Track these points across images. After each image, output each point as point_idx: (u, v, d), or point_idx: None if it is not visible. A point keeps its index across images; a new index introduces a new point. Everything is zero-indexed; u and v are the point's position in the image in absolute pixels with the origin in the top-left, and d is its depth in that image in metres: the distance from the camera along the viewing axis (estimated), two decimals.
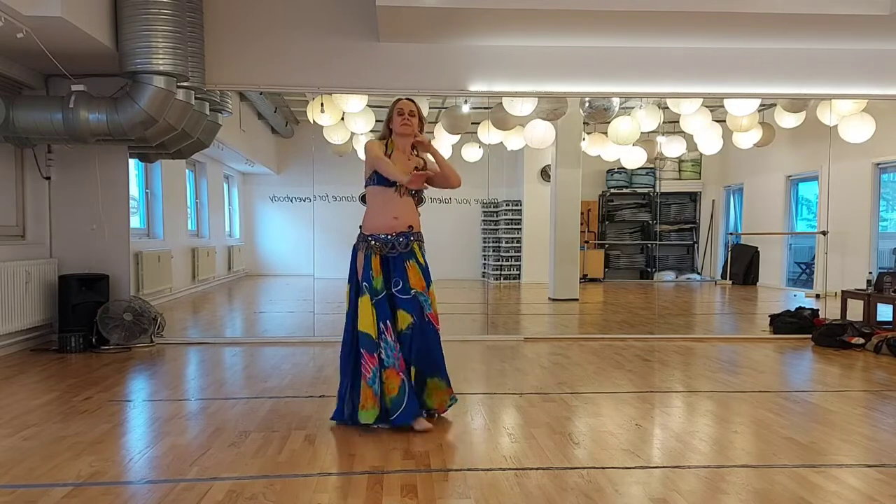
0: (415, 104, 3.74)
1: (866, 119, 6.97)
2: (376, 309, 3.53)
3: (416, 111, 3.71)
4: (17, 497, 2.60)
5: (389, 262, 3.59)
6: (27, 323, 5.61)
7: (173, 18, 5.07)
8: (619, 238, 12.21)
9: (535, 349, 5.88)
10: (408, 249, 3.60)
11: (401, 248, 3.58)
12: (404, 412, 3.44)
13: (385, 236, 3.58)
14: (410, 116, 3.66)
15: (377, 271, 3.56)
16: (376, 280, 3.54)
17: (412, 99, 3.78)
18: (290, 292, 10.47)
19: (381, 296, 3.54)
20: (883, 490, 2.71)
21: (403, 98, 3.77)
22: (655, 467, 2.97)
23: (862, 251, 8.01)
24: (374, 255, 3.57)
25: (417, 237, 3.66)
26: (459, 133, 8.25)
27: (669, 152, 9.86)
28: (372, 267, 3.56)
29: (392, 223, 3.59)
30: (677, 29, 5.76)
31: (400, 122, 3.66)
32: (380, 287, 3.54)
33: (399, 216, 3.60)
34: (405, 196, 3.64)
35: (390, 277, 3.58)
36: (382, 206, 3.62)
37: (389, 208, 3.60)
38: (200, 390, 4.46)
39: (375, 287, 3.54)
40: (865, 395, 4.31)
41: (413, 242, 3.62)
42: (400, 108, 3.68)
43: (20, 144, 5.67)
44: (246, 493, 2.64)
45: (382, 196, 3.63)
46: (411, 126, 3.66)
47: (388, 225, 3.59)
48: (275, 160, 11.89)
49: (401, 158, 3.67)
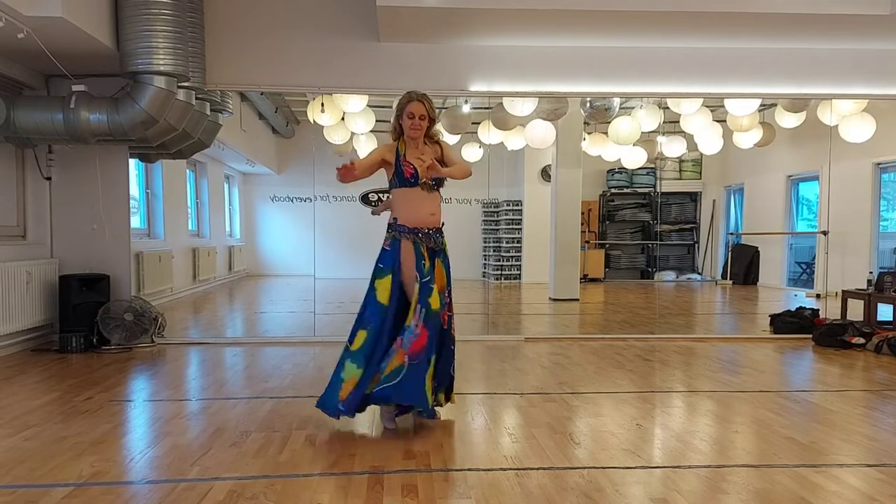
0: (426, 104, 3.64)
1: (866, 119, 6.97)
2: (421, 292, 3.49)
3: (427, 112, 3.63)
4: (17, 497, 2.61)
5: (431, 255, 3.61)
6: (28, 323, 5.61)
7: (174, 18, 5.07)
8: (620, 238, 12.21)
9: (535, 349, 5.88)
10: (442, 247, 3.67)
11: (438, 245, 3.64)
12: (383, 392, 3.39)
13: (428, 231, 3.61)
14: (421, 120, 3.61)
15: (427, 260, 3.56)
16: (427, 269, 3.53)
17: (424, 97, 3.65)
18: (291, 292, 10.47)
19: (429, 281, 3.52)
20: (883, 490, 2.71)
21: (415, 97, 3.63)
22: (656, 467, 2.98)
23: (862, 251, 8.01)
24: (422, 245, 3.58)
25: (442, 233, 3.72)
26: (460, 133, 8.25)
27: (670, 152, 9.86)
28: (424, 257, 3.56)
29: (430, 219, 3.62)
30: (677, 29, 5.76)
31: (409, 125, 3.62)
32: (428, 273, 3.53)
33: (435, 212, 3.65)
34: (433, 192, 3.66)
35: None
36: (417, 203, 3.61)
37: (426, 206, 3.62)
38: (201, 390, 4.46)
39: (424, 272, 3.52)
40: (866, 395, 4.31)
41: (443, 238, 3.69)
42: (410, 112, 3.61)
43: (21, 145, 5.67)
44: (247, 493, 2.64)
45: (412, 195, 3.63)
46: (421, 130, 3.63)
47: (428, 221, 3.61)
48: (275, 160, 11.89)
49: (415, 154, 3.64)
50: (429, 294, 3.49)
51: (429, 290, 3.50)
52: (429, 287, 3.51)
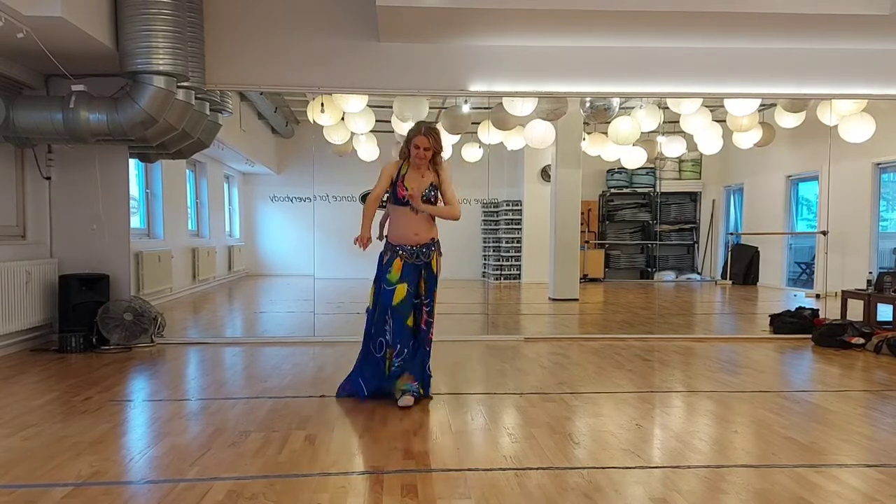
0: (432, 138, 3.98)
1: (866, 119, 6.97)
2: (381, 298, 4.02)
3: (433, 145, 3.98)
4: (17, 497, 2.60)
5: (412, 268, 4.02)
6: (27, 323, 5.61)
7: (173, 18, 5.07)
8: (620, 238, 12.21)
9: (535, 349, 5.88)
10: (428, 260, 4.05)
11: (424, 259, 4.04)
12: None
13: (410, 247, 4.02)
14: (426, 151, 3.98)
15: (397, 269, 3.99)
16: (392, 275, 3.99)
17: (430, 132, 3.99)
18: (291, 292, 10.47)
19: (392, 287, 3.97)
20: (883, 490, 2.71)
21: (423, 131, 3.98)
22: (655, 467, 2.98)
23: (862, 251, 8.01)
24: (397, 258, 4.01)
25: (437, 246, 4.11)
26: (459, 133, 8.24)
27: (669, 152, 9.86)
28: (392, 266, 4.00)
29: (414, 238, 4.03)
30: (677, 29, 5.76)
31: (415, 154, 3.99)
32: (395, 280, 3.97)
33: (419, 232, 4.04)
34: (421, 213, 4.03)
35: (412, 280, 4.02)
36: (405, 222, 4.04)
37: (411, 226, 4.02)
38: (201, 390, 4.46)
39: (390, 279, 3.98)
40: (865, 395, 4.31)
41: (434, 252, 4.08)
42: (416, 144, 3.98)
43: (20, 144, 5.67)
44: (246, 492, 2.64)
45: (401, 212, 4.05)
46: (425, 160, 4.01)
47: (410, 239, 4.03)
48: (275, 160, 11.89)
49: (415, 177, 4.03)
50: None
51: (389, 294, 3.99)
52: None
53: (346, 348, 5.78)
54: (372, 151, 9.22)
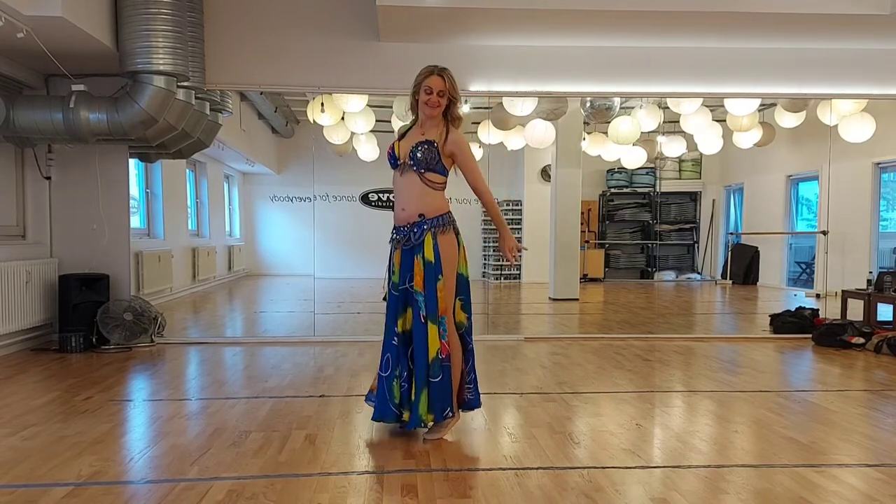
0: (445, 78, 3.23)
1: (866, 119, 6.97)
2: (388, 307, 3.33)
3: (447, 88, 3.23)
4: (17, 497, 2.60)
5: (407, 255, 3.28)
6: (27, 323, 5.61)
7: (173, 18, 5.07)
8: (620, 238, 12.21)
9: (535, 349, 5.88)
10: (420, 242, 3.21)
11: (414, 241, 3.22)
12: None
13: (402, 228, 3.26)
14: (439, 97, 3.22)
15: (398, 264, 3.29)
16: (395, 275, 3.30)
17: (444, 71, 3.26)
18: (291, 292, 10.47)
19: (397, 292, 3.29)
20: (883, 490, 2.71)
21: (435, 70, 3.25)
22: (656, 467, 2.97)
23: (862, 251, 8.01)
24: (395, 249, 3.32)
25: (434, 224, 3.22)
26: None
27: (669, 152, 9.87)
28: (393, 260, 3.32)
29: (401, 215, 3.27)
30: (677, 29, 5.76)
31: (426, 100, 3.23)
32: (398, 281, 3.28)
33: (405, 207, 3.24)
34: (405, 174, 3.24)
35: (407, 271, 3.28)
36: (396, 195, 3.30)
37: (399, 198, 3.27)
38: (201, 390, 4.46)
39: (394, 282, 3.30)
40: (866, 395, 4.31)
41: (427, 232, 3.21)
42: (428, 87, 3.22)
43: (21, 144, 5.67)
44: (246, 492, 2.64)
45: (394, 181, 3.31)
46: (439, 108, 3.23)
47: (398, 217, 3.29)
48: (275, 160, 11.90)
49: (415, 133, 3.31)
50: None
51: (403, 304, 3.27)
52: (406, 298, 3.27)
53: (347, 348, 5.79)
54: (372, 151, 9.22)
